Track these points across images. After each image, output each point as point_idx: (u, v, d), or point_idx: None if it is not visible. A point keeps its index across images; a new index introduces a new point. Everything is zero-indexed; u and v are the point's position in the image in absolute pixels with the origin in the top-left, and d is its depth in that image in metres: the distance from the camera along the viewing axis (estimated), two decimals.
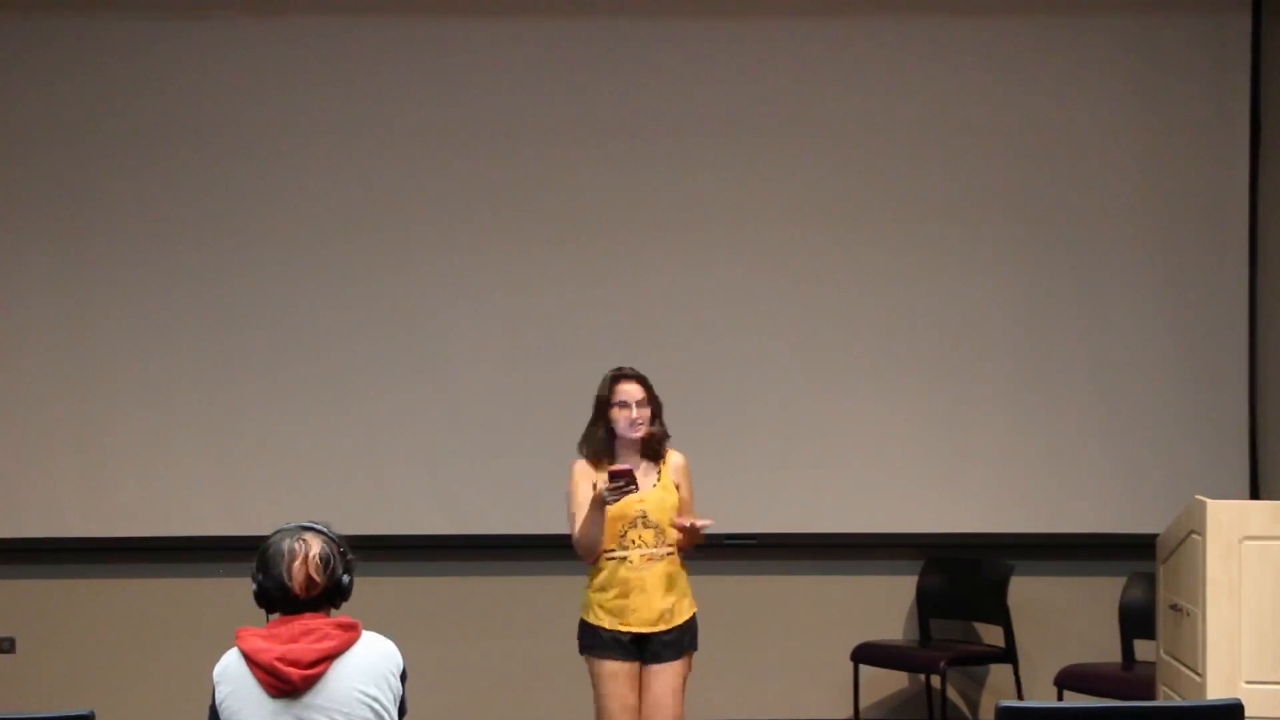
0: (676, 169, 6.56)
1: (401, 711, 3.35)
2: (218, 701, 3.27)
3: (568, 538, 4.90)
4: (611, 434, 4.88)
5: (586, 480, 4.84)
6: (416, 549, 6.50)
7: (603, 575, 4.82)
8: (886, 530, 6.55)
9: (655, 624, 4.79)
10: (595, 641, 4.83)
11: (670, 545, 4.83)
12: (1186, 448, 6.52)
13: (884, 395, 6.56)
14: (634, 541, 4.79)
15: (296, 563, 3.29)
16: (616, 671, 4.80)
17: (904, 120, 6.57)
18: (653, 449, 4.89)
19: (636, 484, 4.64)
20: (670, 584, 4.82)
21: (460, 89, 6.55)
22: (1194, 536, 4.67)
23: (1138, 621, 6.06)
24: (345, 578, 3.36)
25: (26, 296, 6.53)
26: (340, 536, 3.40)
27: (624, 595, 4.78)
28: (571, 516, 4.88)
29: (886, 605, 6.62)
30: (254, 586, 3.33)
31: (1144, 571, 5.93)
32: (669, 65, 6.57)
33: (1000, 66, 6.58)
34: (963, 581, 6.51)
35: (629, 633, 4.80)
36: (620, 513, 4.76)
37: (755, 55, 6.57)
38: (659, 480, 4.87)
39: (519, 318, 6.55)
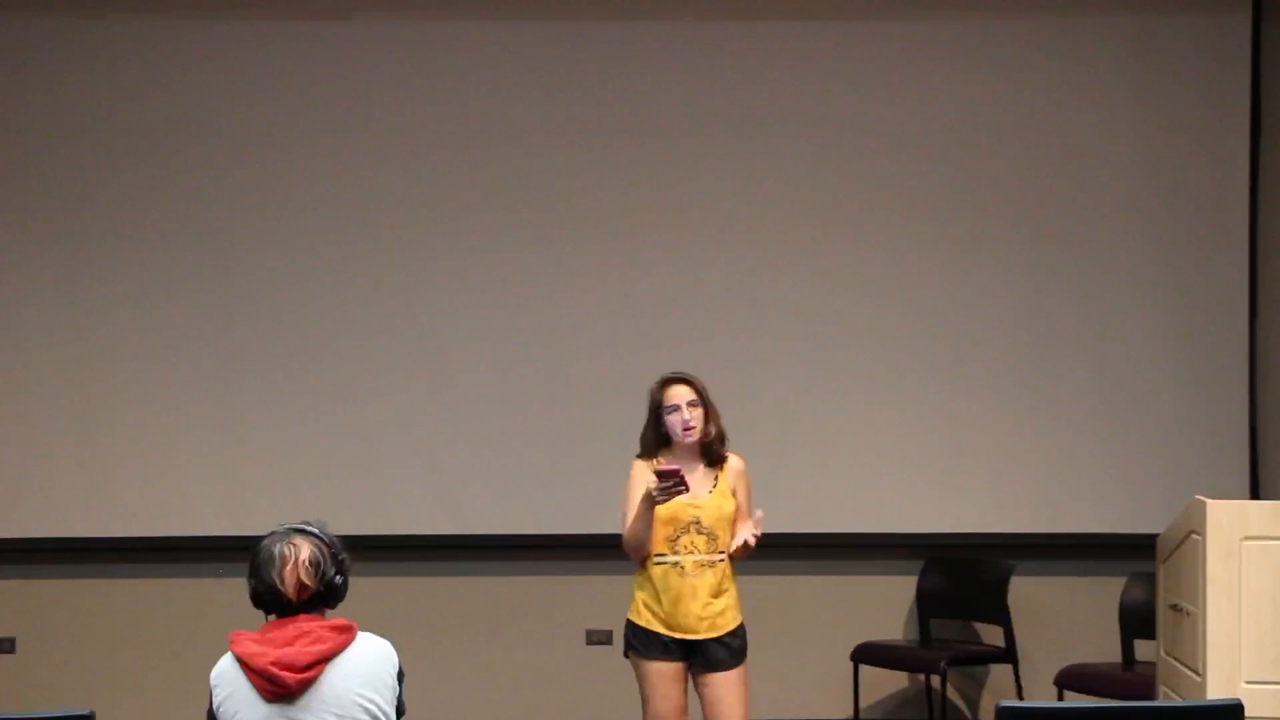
0: (676, 169, 6.56)
1: (400, 712, 3.34)
2: (215, 706, 3.27)
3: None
4: (667, 437, 4.82)
5: (643, 480, 4.73)
6: (417, 549, 6.50)
7: (653, 579, 4.75)
8: (886, 530, 6.55)
9: (701, 630, 4.72)
10: (642, 643, 4.77)
11: (722, 553, 4.76)
12: (1186, 448, 6.52)
13: (884, 395, 6.56)
14: (686, 547, 4.73)
15: (287, 568, 3.30)
16: (665, 671, 4.73)
17: (904, 120, 6.57)
18: (711, 453, 4.83)
19: (685, 484, 4.57)
20: (718, 592, 4.75)
21: (459, 89, 6.55)
22: (1194, 536, 4.67)
23: (1138, 621, 6.05)
24: (338, 579, 3.34)
25: (27, 296, 6.52)
26: (332, 536, 3.39)
27: (674, 601, 4.71)
28: (624, 515, 4.79)
29: (886, 605, 6.62)
30: (249, 589, 3.34)
31: (1144, 571, 5.93)
32: (669, 65, 6.57)
33: (1000, 66, 6.58)
34: (963, 581, 6.51)
35: (677, 639, 4.73)
36: (673, 516, 4.71)
37: (755, 55, 6.57)
38: (715, 486, 4.80)
39: (519, 317, 6.55)
